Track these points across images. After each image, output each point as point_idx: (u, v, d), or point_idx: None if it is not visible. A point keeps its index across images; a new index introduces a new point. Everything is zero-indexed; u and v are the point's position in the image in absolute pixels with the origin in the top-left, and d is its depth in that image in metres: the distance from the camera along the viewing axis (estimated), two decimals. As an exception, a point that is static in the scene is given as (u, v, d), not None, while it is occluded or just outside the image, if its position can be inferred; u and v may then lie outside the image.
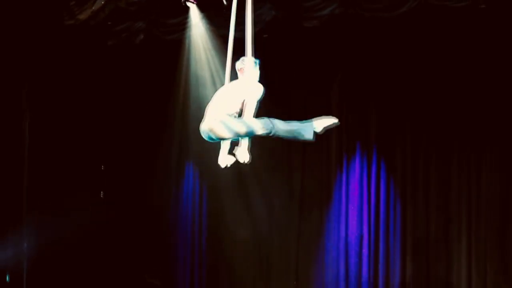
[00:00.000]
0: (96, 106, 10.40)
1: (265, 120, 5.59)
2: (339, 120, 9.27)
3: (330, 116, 5.78)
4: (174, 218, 10.40)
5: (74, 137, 10.16)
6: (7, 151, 9.68)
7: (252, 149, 5.84)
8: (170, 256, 10.35)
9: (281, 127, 5.61)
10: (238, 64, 5.86)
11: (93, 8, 8.96)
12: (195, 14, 8.91)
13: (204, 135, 5.71)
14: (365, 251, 9.03)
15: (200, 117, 9.60)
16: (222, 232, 10.07)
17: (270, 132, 5.58)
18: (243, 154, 5.72)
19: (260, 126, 5.55)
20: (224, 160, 5.94)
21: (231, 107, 5.66)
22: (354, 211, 9.14)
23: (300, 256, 9.56)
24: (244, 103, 5.66)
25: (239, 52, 5.97)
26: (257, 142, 6.15)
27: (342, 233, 9.20)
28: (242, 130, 5.56)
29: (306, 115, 9.45)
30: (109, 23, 9.29)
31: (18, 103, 9.77)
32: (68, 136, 10.09)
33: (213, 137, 5.65)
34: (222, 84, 6.06)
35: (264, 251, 9.80)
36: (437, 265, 8.66)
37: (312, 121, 5.71)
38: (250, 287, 9.88)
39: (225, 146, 5.96)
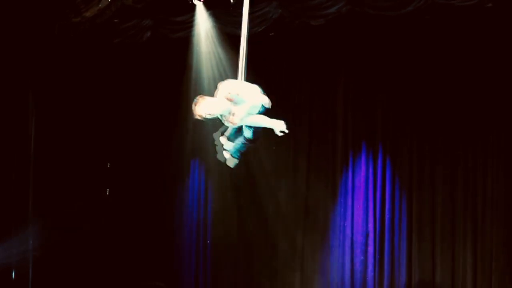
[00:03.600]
0: (102, 104, 10.42)
1: None
2: (345, 118, 9.31)
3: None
4: (179, 217, 10.41)
5: (80, 135, 10.18)
6: (13, 150, 9.70)
7: (258, 148, 5.86)
8: (175, 254, 10.35)
9: None
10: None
11: (100, 5, 8.96)
12: (201, 11, 8.91)
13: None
14: (370, 248, 9.04)
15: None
16: (227, 231, 10.08)
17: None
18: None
19: None
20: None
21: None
22: (360, 209, 9.15)
23: (306, 254, 9.56)
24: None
25: (250, 49, 5.98)
26: (264, 140, 6.17)
27: (348, 231, 9.20)
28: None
29: (312, 113, 9.60)
30: (115, 20, 9.30)
31: (25, 101, 9.78)
32: (74, 134, 10.11)
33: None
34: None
35: (269, 249, 9.80)
36: (442, 264, 8.65)
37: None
38: (256, 285, 9.88)
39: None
